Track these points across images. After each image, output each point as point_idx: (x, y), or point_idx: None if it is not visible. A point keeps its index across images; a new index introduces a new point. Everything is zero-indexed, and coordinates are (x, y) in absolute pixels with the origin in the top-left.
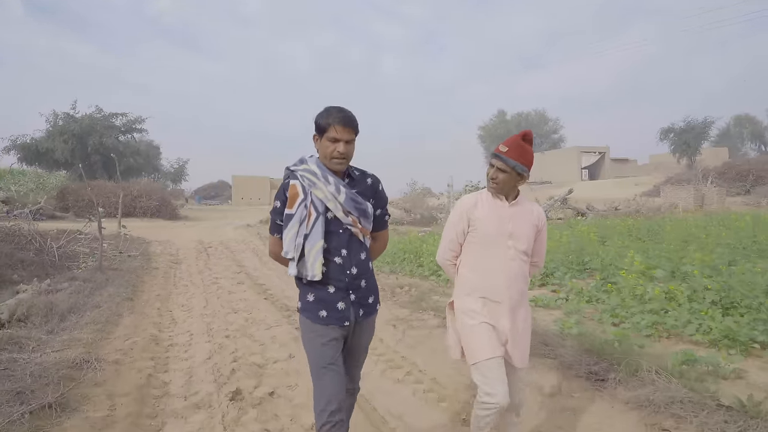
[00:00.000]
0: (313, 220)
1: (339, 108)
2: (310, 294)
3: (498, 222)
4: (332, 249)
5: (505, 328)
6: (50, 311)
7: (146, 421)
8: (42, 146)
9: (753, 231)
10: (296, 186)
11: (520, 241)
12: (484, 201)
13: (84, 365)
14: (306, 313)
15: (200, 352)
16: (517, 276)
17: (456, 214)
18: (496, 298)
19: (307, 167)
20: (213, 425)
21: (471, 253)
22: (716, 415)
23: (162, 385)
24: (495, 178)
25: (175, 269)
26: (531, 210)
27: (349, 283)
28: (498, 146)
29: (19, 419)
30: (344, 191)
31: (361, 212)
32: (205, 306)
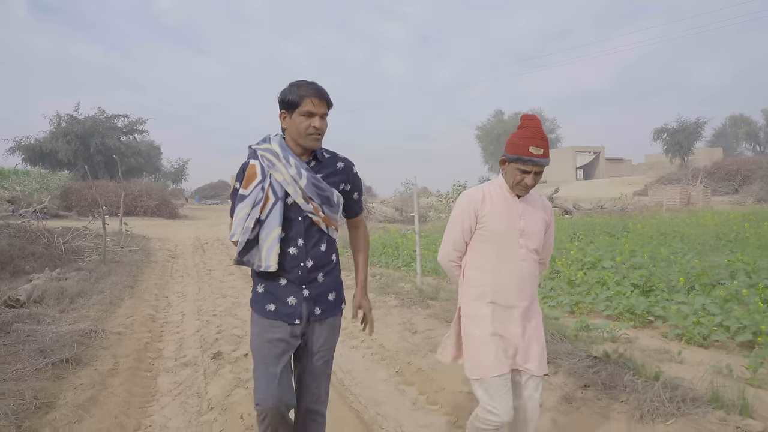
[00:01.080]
0: (270, 205)
1: (309, 81)
2: (261, 285)
3: (509, 218)
4: (288, 238)
5: (516, 336)
6: (61, 294)
7: (143, 373)
8: (46, 147)
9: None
10: (255, 166)
11: (532, 239)
12: (492, 196)
13: (92, 335)
14: (255, 305)
15: (190, 327)
16: (529, 278)
17: (462, 210)
18: (507, 303)
19: (269, 146)
20: (196, 377)
21: (478, 253)
22: (584, 363)
23: (157, 350)
24: (531, 184)
25: (173, 263)
26: (541, 203)
27: (303, 277)
28: (526, 148)
29: (43, 368)
30: (306, 175)
31: (324, 199)
32: (198, 292)
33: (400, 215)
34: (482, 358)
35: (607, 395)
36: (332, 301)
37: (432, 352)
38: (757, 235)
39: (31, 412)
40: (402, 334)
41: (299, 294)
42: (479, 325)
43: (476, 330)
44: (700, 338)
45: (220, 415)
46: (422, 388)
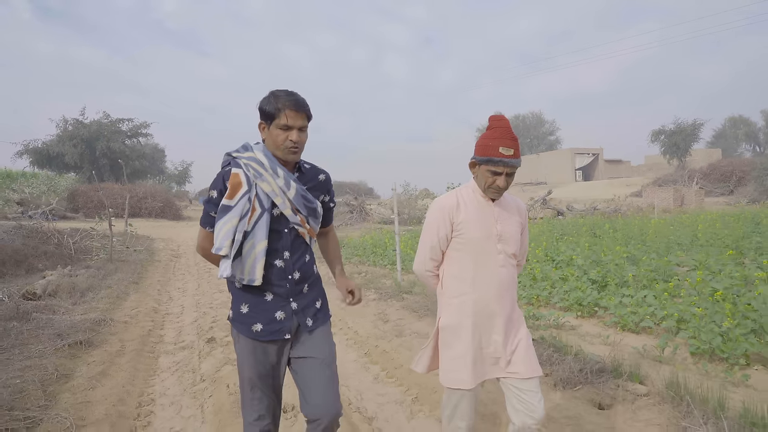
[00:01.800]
0: (256, 217)
1: (288, 91)
2: (244, 304)
3: (484, 224)
4: (274, 250)
5: (498, 344)
6: (73, 289)
7: (147, 354)
8: (53, 150)
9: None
10: (239, 175)
11: (509, 244)
12: (466, 201)
13: (102, 323)
14: (239, 325)
15: (189, 317)
16: (508, 284)
17: (436, 218)
18: (488, 312)
19: (253, 155)
20: (192, 357)
21: (455, 262)
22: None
23: (158, 336)
24: (503, 186)
25: (175, 262)
26: (515, 206)
27: (291, 290)
28: (495, 149)
29: (61, 348)
30: (295, 186)
31: (311, 211)
32: (197, 288)
33: (398, 216)
34: (459, 371)
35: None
36: (320, 308)
37: (398, 337)
38: (711, 235)
39: (54, 380)
40: (375, 323)
41: (287, 307)
42: (457, 337)
43: (455, 342)
44: (633, 325)
45: (210, 385)
46: (384, 366)
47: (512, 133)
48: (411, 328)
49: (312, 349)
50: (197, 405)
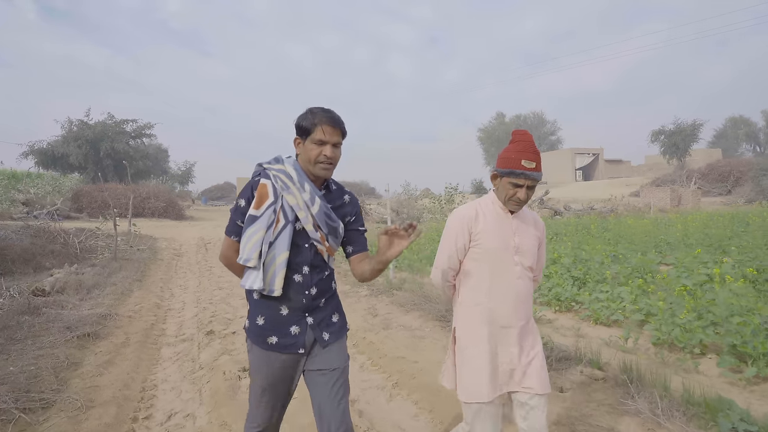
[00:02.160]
0: (280, 228)
1: (325, 108)
2: (260, 316)
3: (502, 235)
4: (294, 264)
5: (513, 356)
6: (80, 286)
7: (150, 345)
8: (57, 151)
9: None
10: (267, 186)
11: (526, 257)
12: (485, 212)
13: (107, 317)
14: (254, 337)
15: (189, 313)
16: (525, 297)
17: (455, 227)
18: (503, 323)
19: (282, 168)
20: (192, 348)
21: (473, 272)
22: None
23: (161, 329)
24: (523, 198)
25: (177, 260)
26: (533, 220)
27: (307, 305)
28: (518, 162)
29: (70, 339)
30: (319, 203)
31: (332, 230)
32: (198, 285)
33: (397, 216)
34: (475, 384)
35: None
36: (337, 323)
37: (385, 330)
38: (701, 235)
39: (65, 368)
40: (365, 317)
41: (302, 322)
42: (474, 348)
43: (471, 354)
44: (604, 319)
45: (208, 373)
46: (370, 356)
47: (534, 147)
48: (398, 321)
49: (326, 363)
50: (196, 389)
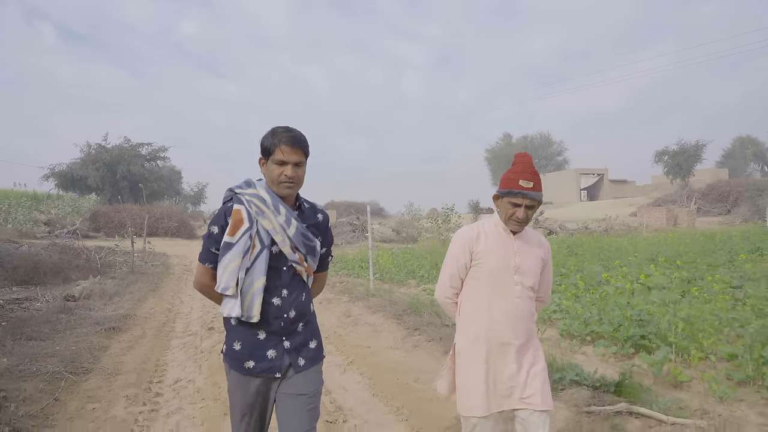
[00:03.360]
0: (256, 253)
1: (286, 127)
2: (237, 342)
3: (503, 255)
4: (272, 288)
5: (513, 374)
6: (103, 293)
7: (162, 337)
8: (77, 174)
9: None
10: (241, 211)
11: (527, 277)
12: (487, 233)
13: (127, 317)
14: (231, 361)
15: (195, 315)
16: (524, 315)
17: (457, 247)
18: (501, 341)
19: (255, 192)
20: (195, 340)
21: (473, 290)
22: (443, 329)
23: (171, 327)
24: (523, 218)
25: (187, 275)
26: (537, 241)
27: (285, 328)
28: (516, 182)
29: (99, 332)
30: (295, 224)
31: (310, 249)
32: None
33: (397, 236)
34: (472, 398)
35: (439, 344)
36: (314, 348)
37: (353, 326)
38: (673, 252)
39: (96, 350)
40: (340, 318)
41: (279, 346)
42: (471, 364)
43: (469, 369)
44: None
45: (207, 355)
46: (337, 345)
47: (533, 168)
48: (365, 320)
49: (297, 387)
50: (197, 366)
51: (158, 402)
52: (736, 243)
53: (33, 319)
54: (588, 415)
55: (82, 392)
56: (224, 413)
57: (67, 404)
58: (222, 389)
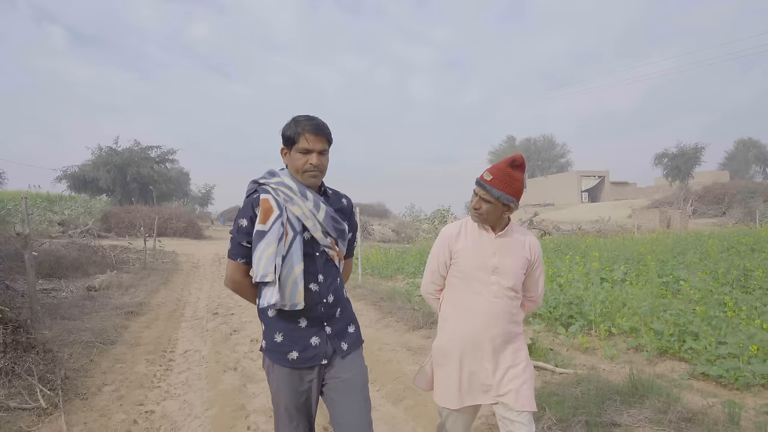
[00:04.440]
0: (290, 240)
1: (308, 116)
2: (278, 333)
3: (481, 255)
4: (308, 274)
5: (488, 373)
6: (120, 285)
7: (173, 321)
8: (88, 176)
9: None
10: (269, 200)
11: (506, 277)
12: (468, 231)
13: (142, 304)
14: (272, 354)
15: (202, 304)
16: (500, 315)
17: (438, 245)
18: (477, 339)
19: (280, 180)
20: (202, 322)
21: (452, 288)
22: (413, 313)
23: (180, 312)
24: (478, 208)
25: (195, 271)
26: (522, 242)
27: (325, 313)
28: (483, 173)
29: (119, 314)
30: (324, 208)
31: (340, 233)
32: (210, 288)
33: (397, 236)
34: (447, 391)
35: (404, 324)
36: (353, 333)
37: None
38: (650, 251)
39: (118, 327)
40: None
41: (322, 332)
42: (446, 358)
43: (444, 363)
44: None
45: (211, 332)
46: None
47: (504, 166)
48: None
49: (345, 373)
50: (202, 341)
51: (171, 364)
52: (708, 243)
53: (63, 305)
54: None
55: (111, 356)
56: (223, 371)
57: (101, 363)
58: (223, 354)
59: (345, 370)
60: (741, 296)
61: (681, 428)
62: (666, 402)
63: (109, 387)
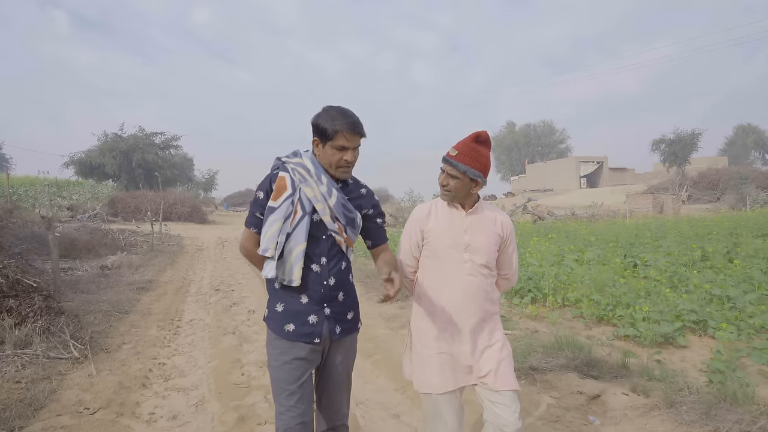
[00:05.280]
0: (297, 219)
1: (343, 112)
2: (279, 303)
3: (452, 233)
4: (311, 255)
5: (466, 353)
6: (130, 265)
7: (180, 295)
8: (95, 161)
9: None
10: (285, 178)
11: (479, 254)
12: (438, 210)
13: (152, 282)
14: (272, 323)
15: (205, 281)
16: (476, 293)
17: (409, 226)
18: (453, 319)
19: (300, 161)
20: (205, 297)
21: (426, 268)
22: None
23: (186, 289)
24: (446, 185)
25: (199, 253)
26: (493, 218)
27: (325, 295)
28: (449, 150)
29: (130, 290)
30: (336, 195)
31: (349, 221)
32: (213, 268)
33: (395, 221)
34: (428, 375)
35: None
36: (351, 320)
37: None
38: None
39: (131, 300)
40: None
41: (320, 312)
42: (425, 341)
43: (422, 347)
44: None
45: (213, 305)
46: None
47: (469, 142)
48: None
49: (333, 356)
50: (206, 311)
51: (179, 330)
52: (685, 228)
53: (81, 281)
54: None
55: (127, 322)
56: (223, 334)
57: (118, 328)
58: (223, 322)
59: (334, 353)
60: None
61: (583, 370)
62: (578, 352)
63: (127, 345)
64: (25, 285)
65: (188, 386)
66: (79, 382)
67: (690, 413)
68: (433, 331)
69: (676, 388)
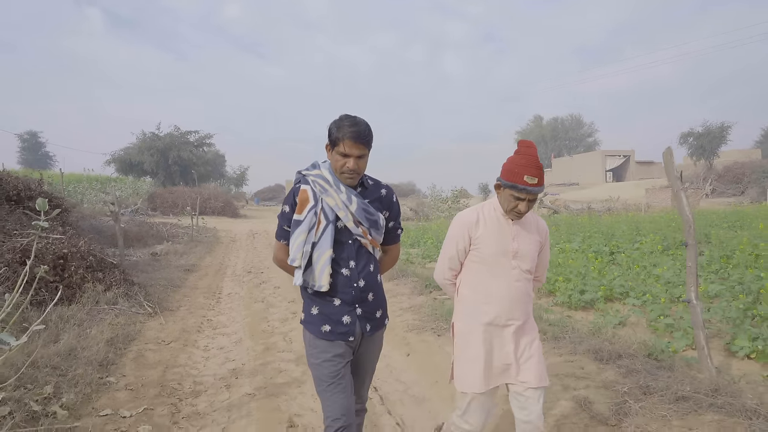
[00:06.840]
0: (322, 228)
1: (352, 120)
2: (314, 307)
3: (502, 241)
4: (340, 260)
5: (509, 353)
6: (176, 252)
7: (219, 275)
8: (134, 159)
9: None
10: (307, 191)
11: (525, 261)
12: (486, 218)
13: (195, 266)
14: (309, 326)
15: (239, 266)
16: (521, 298)
17: (456, 231)
18: (499, 322)
19: (319, 173)
20: (239, 277)
21: (472, 273)
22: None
23: (224, 271)
24: (524, 211)
25: (233, 244)
26: (535, 224)
27: (356, 296)
28: (521, 176)
29: (179, 271)
30: (356, 201)
31: (372, 223)
32: (246, 256)
33: (416, 215)
34: (470, 375)
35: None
36: (379, 318)
37: None
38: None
39: (181, 279)
40: None
41: (353, 313)
42: (470, 343)
43: (467, 348)
44: None
45: (246, 282)
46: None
47: (538, 161)
48: None
49: (363, 350)
50: (240, 287)
51: (220, 299)
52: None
53: (138, 264)
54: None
55: (180, 293)
56: (254, 302)
57: (174, 296)
58: (254, 294)
59: (364, 348)
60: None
61: None
62: None
63: (183, 307)
64: (107, 263)
65: (230, 332)
66: (154, 327)
67: (564, 343)
68: (480, 333)
69: (565, 330)
